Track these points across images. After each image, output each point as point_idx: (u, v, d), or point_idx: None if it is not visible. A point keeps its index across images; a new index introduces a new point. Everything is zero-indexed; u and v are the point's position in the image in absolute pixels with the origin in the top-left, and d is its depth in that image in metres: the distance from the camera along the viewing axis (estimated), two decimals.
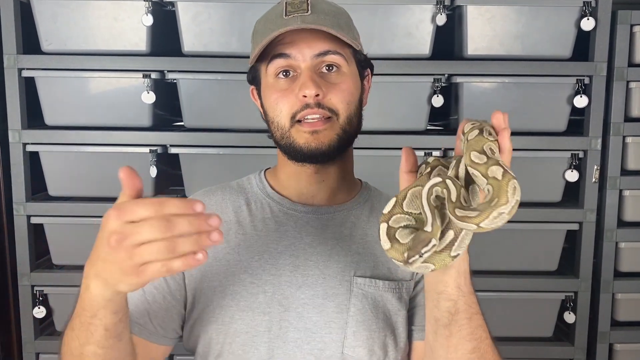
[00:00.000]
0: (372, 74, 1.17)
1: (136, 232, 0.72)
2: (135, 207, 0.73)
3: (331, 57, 1.04)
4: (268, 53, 1.06)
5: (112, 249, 0.73)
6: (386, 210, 0.85)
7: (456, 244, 0.81)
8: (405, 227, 0.84)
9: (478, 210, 0.75)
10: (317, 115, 1.03)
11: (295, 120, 1.04)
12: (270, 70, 1.06)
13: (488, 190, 0.76)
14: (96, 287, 0.81)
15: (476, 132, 0.82)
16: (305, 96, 1.02)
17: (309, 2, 1.05)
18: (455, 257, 0.81)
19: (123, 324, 0.89)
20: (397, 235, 0.82)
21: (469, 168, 0.79)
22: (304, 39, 1.03)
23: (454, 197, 0.78)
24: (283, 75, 1.05)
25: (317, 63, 1.04)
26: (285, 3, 1.06)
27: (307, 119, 1.03)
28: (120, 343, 0.90)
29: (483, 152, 0.78)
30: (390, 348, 1.07)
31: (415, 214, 0.84)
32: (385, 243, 0.82)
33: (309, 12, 1.03)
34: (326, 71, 1.05)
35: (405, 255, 0.78)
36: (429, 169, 0.88)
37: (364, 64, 1.13)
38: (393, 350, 1.07)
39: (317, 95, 1.01)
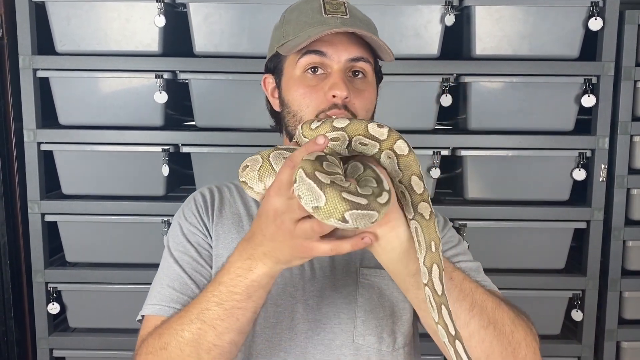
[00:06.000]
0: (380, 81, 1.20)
1: (299, 206, 0.78)
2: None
3: (362, 64, 1.07)
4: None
5: (279, 228, 0.81)
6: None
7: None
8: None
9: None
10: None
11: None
12: (301, 63, 1.07)
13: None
14: (264, 266, 0.87)
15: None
16: (334, 96, 1.03)
17: (346, 6, 1.08)
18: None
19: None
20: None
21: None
22: (342, 41, 1.05)
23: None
24: (311, 71, 1.07)
25: (348, 67, 1.06)
26: (323, 1, 1.08)
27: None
28: (249, 329, 0.95)
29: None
30: (398, 334, 1.10)
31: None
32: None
33: (348, 15, 1.06)
34: (352, 76, 1.07)
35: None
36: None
37: (379, 74, 1.16)
38: (401, 335, 1.11)
39: (346, 97, 1.04)
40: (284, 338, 1.08)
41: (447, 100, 2.01)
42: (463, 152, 2.06)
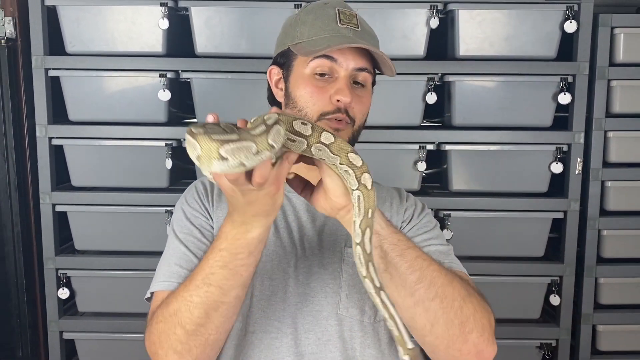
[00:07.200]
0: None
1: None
2: None
3: (365, 74, 1.18)
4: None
5: (244, 194, 0.89)
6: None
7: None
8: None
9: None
10: (341, 120, 1.16)
11: (324, 118, 1.16)
12: (312, 65, 1.17)
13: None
14: (259, 224, 0.96)
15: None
16: (339, 100, 1.14)
17: (357, 18, 1.18)
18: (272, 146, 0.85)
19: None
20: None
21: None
22: (351, 51, 1.15)
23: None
24: (319, 74, 1.17)
25: (353, 75, 1.17)
26: (338, 10, 1.18)
27: (334, 120, 1.16)
28: (249, 285, 1.04)
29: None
30: None
31: None
32: None
33: (359, 28, 1.17)
34: (354, 84, 1.18)
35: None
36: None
37: (374, 84, 1.27)
38: None
39: (350, 103, 1.15)
40: (278, 308, 1.19)
41: (432, 98, 2.13)
42: (447, 147, 2.18)
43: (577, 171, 2.18)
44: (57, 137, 2.17)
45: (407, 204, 1.31)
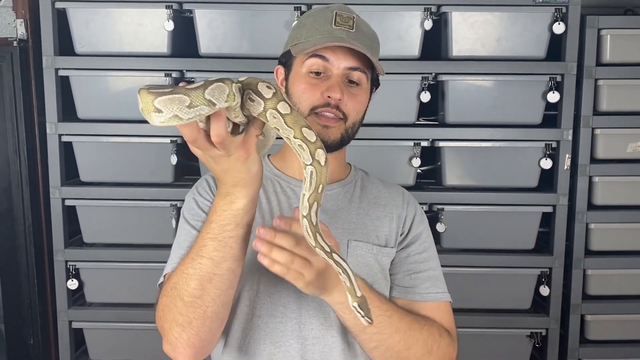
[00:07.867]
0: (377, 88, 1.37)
1: (203, 139, 0.90)
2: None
3: (357, 73, 1.25)
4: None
5: (217, 162, 0.94)
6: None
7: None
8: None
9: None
10: (332, 114, 1.23)
11: (314, 112, 1.24)
12: (307, 64, 1.25)
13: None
14: (241, 195, 1.00)
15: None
16: (329, 97, 1.22)
17: (354, 20, 1.25)
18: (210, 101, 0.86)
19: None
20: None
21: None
22: (343, 51, 1.23)
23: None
24: (314, 72, 1.25)
25: (346, 73, 1.24)
26: (335, 13, 1.25)
27: (324, 114, 1.23)
28: (243, 258, 1.08)
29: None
30: None
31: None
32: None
33: (354, 29, 1.24)
34: (349, 82, 1.25)
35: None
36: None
37: (375, 82, 1.34)
38: None
39: (340, 99, 1.22)
40: (283, 295, 1.25)
41: (426, 97, 2.20)
42: (441, 144, 2.26)
43: (565, 167, 2.25)
44: (66, 135, 2.25)
45: (408, 210, 1.37)
